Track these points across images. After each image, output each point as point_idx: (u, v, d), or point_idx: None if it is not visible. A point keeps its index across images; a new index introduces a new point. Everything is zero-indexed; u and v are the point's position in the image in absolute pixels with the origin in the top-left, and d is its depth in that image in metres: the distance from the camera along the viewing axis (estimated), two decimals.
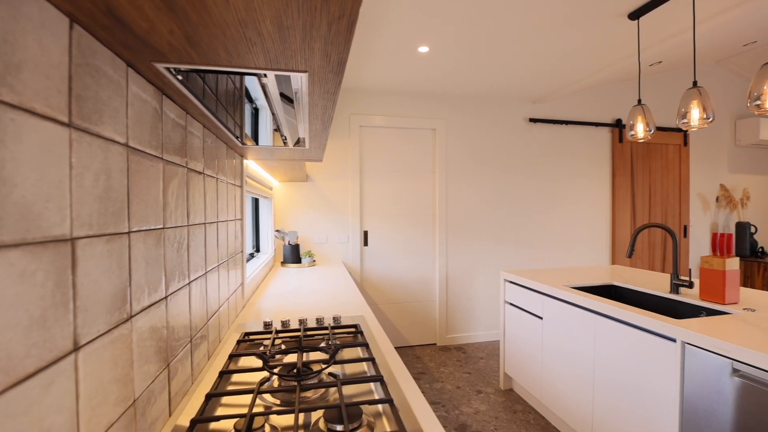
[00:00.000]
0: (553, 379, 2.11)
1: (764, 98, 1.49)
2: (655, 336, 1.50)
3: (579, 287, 2.19)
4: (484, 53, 2.64)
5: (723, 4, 2.13)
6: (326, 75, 0.68)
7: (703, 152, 4.32)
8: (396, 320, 3.44)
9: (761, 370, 1.15)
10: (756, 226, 4.59)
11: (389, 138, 3.41)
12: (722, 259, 1.65)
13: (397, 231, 3.44)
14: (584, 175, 3.89)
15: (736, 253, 4.38)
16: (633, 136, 2.20)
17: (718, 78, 4.36)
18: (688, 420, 1.38)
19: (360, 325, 1.35)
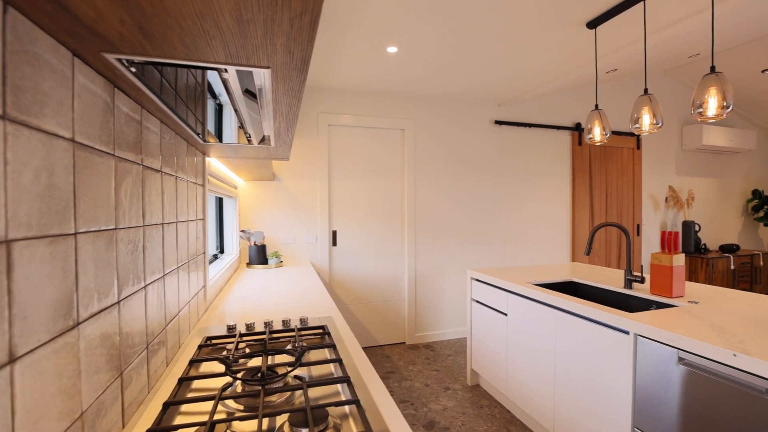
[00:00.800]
0: (517, 374, 2.18)
1: (705, 106, 1.60)
2: (610, 329, 1.58)
3: (541, 284, 2.27)
4: (451, 56, 2.68)
5: (670, 18, 2.28)
6: (290, 72, 0.66)
7: (654, 156, 4.60)
8: (365, 320, 3.44)
9: (702, 357, 1.24)
10: (699, 224, 4.95)
11: (358, 137, 3.40)
12: (670, 256, 1.76)
13: (367, 231, 3.43)
14: (547, 176, 4.05)
15: (682, 250, 4.70)
16: (591, 140, 2.31)
17: (666, 86, 4.67)
18: (640, 407, 1.46)
19: (327, 326, 1.33)
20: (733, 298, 1.79)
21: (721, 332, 1.31)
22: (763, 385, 1.09)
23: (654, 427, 1.41)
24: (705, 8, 2.16)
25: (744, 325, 1.39)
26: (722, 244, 5.19)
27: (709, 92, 1.60)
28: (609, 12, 2.16)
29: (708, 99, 1.60)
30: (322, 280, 3.28)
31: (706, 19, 2.24)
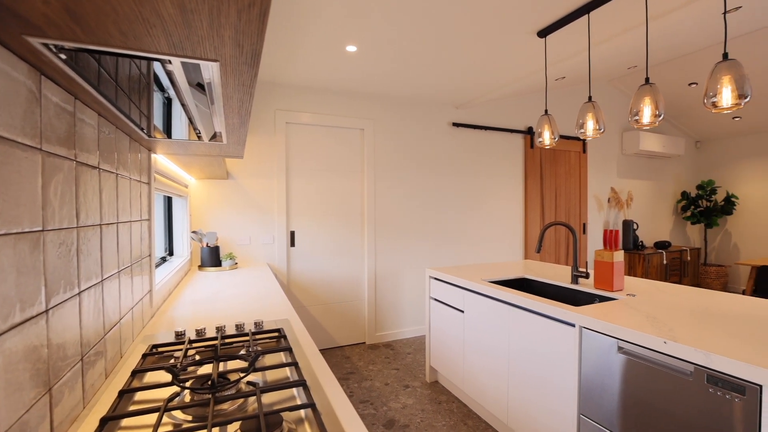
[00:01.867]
0: (473, 369, 2.25)
1: (641, 114, 1.74)
2: (558, 323, 1.67)
3: (496, 281, 2.36)
4: (409, 58, 2.71)
5: (611, 32, 2.45)
6: (240, 66, 0.64)
7: (598, 159, 4.93)
8: (325, 321, 3.40)
9: (638, 346, 1.34)
10: (637, 223, 5.37)
11: (317, 136, 3.36)
12: (611, 252, 1.89)
13: (326, 231, 3.39)
14: (501, 177, 4.21)
15: (622, 247, 5.07)
16: (541, 143, 2.43)
17: (609, 95, 5.02)
18: (585, 395, 1.56)
19: (284, 329, 1.30)
20: (665, 290, 1.95)
21: (654, 322, 1.42)
22: (689, 368, 1.20)
23: (598, 413, 1.50)
24: (640, 24, 2.34)
25: (674, 314, 1.52)
26: (656, 240, 5.66)
27: (644, 101, 1.74)
28: (558, 22, 2.28)
29: (643, 108, 1.74)
30: (279, 282, 3.20)
31: (642, 34, 2.43)
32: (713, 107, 1.53)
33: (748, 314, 1.51)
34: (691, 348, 1.18)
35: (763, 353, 1.12)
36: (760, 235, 5.50)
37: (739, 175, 5.72)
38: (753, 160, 5.57)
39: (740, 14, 2.86)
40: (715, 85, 1.50)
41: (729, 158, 5.84)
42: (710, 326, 1.37)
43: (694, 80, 4.52)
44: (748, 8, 2.78)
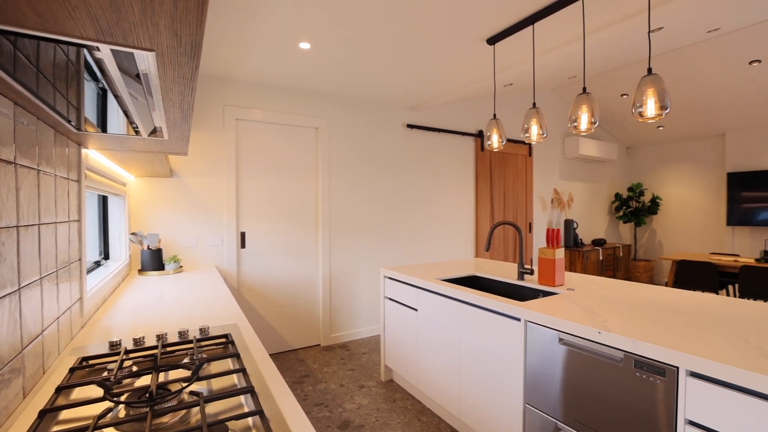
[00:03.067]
0: (426, 365, 2.29)
1: (579, 121, 1.87)
2: (505, 317, 1.75)
3: (448, 279, 2.42)
4: (363, 59, 2.71)
5: (554, 43, 2.60)
6: (179, 58, 0.60)
7: (542, 162, 5.23)
8: (278, 324, 3.31)
9: (576, 336, 1.44)
10: (577, 222, 5.76)
11: (270, 134, 3.26)
12: (553, 250, 2.01)
13: (279, 231, 3.30)
14: (454, 178, 4.33)
15: (563, 245, 5.43)
16: (490, 146, 2.53)
17: (553, 102, 5.34)
18: (530, 385, 1.64)
19: (231, 334, 1.25)
20: (600, 284, 2.11)
21: (590, 314, 1.53)
22: (619, 355, 1.31)
23: (542, 401, 1.59)
24: (579, 37, 2.52)
25: (608, 306, 1.64)
26: (594, 238, 6.11)
27: (582, 109, 1.87)
28: (506, 31, 2.39)
29: (581, 115, 1.87)
30: (228, 285, 3.07)
31: (581, 46, 2.61)
32: (640, 117, 1.68)
33: (669, 304, 1.67)
34: (621, 337, 1.28)
35: (680, 338, 1.24)
36: (680, 232, 6.12)
37: (663, 179, 6.33)
38: (674, 165, 6.19)
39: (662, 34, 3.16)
40: (641, 96, 1.65)
41: (654, 163, 6.44)
42: (638, 316, 1.50)
43: (625, 92, 4.94)
44: (668, 29, 3.08)
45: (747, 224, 5.21)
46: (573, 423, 1.47)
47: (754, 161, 5.24)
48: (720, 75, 4.20)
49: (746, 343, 1.19)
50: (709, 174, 5.79)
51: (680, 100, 4.89)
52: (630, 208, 6.28)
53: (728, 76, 4.20)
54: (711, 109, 4.97)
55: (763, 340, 1.22)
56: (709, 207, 5.79)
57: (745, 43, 3.61)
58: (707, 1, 2.63)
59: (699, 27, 3.13)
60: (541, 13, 2.15)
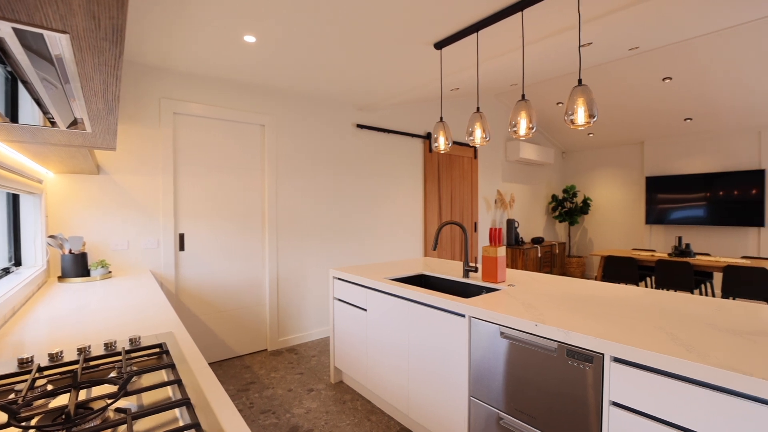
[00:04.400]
0: (376, 365, 2.30)
1: (518, 126, 1.98)
2: (451, 314, 1.80)
3: (396, 278, 2.45)
4: (312, 56, 2.67)
5: (496, 51, 2.73)
6: (99, 42, 0.54)
7: (487, 164, 5.47)
8: (221, 330, 3.15)
9: (516, 330, 1.52)
10: (518, 221, 6.10)
11: (212, 130, 3.09)
12: (495, 248, 2.11)
13: (222, 232, 3.14)
14: (403, 179, 4.40)
15: (506, 243, 5.72)
16: (437, 148, 2.60)
17: (496, 108, 5.61)
18: (475, 378, 1.71)
19: (166, 343, 1.16)
20: (538, 280, 2.25)
21: (529, 308, 1.63)
22: (553, 346, 1.40)
23: (486, 394, 1.66)
24: (519, 47, 2.67)
25: (544, 300, 1.76)
26: (533, 237, 6.51)
27: (521, 115, 1.98)
28: (452, 36, 2.47)
29: (520, 120, 1.98)
30: (165, 291, 2.86)
31: (519, 56, 2.77)
32: (572, 123, 1.81)
33: (597, 296, 1.82)
34: (555, 328, 1.38)
35: (605, 327, 1.36)
36: (607, 231, 6.71)
37: (593, 181, 6.90)
38: (602, 169, 6.77)
39: (591, 49, 3.44)
40: (573, 105, 1.78)
41: (586, 167, 7.00)
42: (570, 308, 1.62)
43: (560, 100, 5.31)
44: (597, 45, 3.36)
45: (662, 223, 5.84)
46: (514, 412, 1.55)
47: (668, 167, 5.89)
48: (639, 89, 4.66)
49: (660, 330, 1.33)
50: (631, 177, 6.41)
51: (607, 110, 5.37)
52: (565, 209, 6.77)
53: (645, 90, 4.67)
54: (632, 119, 5.50)
55: (674, 326, 1.37)
56: (631, 207, 6.41)
57: (659, 61, 4.03)
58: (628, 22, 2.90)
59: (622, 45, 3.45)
60: (485, 21, 2.24)
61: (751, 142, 5.14)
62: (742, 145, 5.20)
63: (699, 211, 5.48)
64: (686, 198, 5.60)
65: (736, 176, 5.16)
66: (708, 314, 1.51)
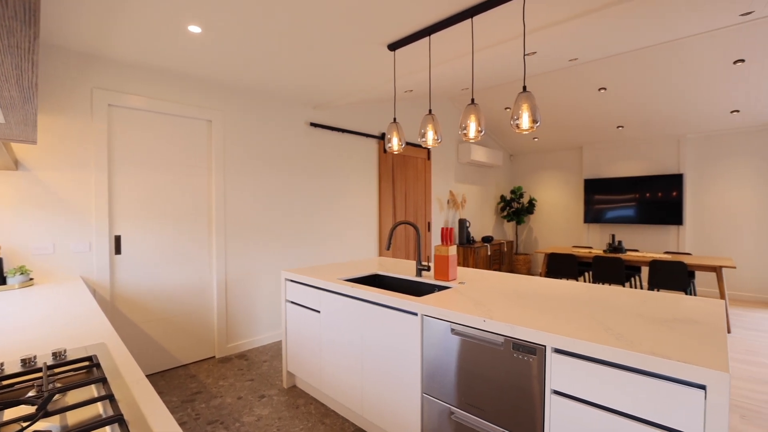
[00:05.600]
0: (330, 367, 2.28)
1: (468, 129, 2.04)
2: (403, 313, 1.82)
3: (350, 279, 2.44)
4: (262, 49, 2.58)
5: (448, 56, 2.81)
6: (8, 22, 0.48)
7: (440, 165, 5.60)
8: (164, 339, 2.95)
9: (466, 326, 1.57)
10: (469, 221, 6.32)
11: (154, 124, 2.89)
12: (446, 247, 2.17)
13: (165, 234, 2.95)
14: (357, 179, 4.39)
15: (457, 242, 5.90)
16: (390, 148, 2.62)
17: (449, 111, 5.76)
18: (428, 375, 1.74)
19: (97, 356, 1.07)
20: (488, 277, 2.34)
21: (478, 305, 1.68)
22: (500, 340, 1.46)
23: (438, 390, 1.70)
24: (469, 53, 2.76)
25: (493, 297, 1.83)
26: (483, 235, 6.77)
27: (470, 118, 2.05)
28: (405, 39, 2.50)
29: (469, 123, 2.04)
30: (99, 298, 2.64)
31: (470, 62, 2.86)
32: (517, 128, 1.90)
33: (541, 291, 1.93)
34: (501, 323, 1.44)
35: (547, 321, 1.44)
36: (551, 229, 7.14)
37: (538, 183, 7.31)
38: (546, 171, 7.20)
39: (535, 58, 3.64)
40: (518, 110, 1.87)
41: (532, 169, 7.40)
42: (516, 304, 1.70)
43: (508, 105, 5.57)
44: (540, 54, 3.56)
45: (598, 222, 6.32)
46: (465, 406, 1.59)
47: (603, 170, 6.38)
48: (578, 97, 5.01)
49: (595, 321, 1.43)
50: (571, 179, 6.86)
51: (550, 116, 5.71)
52: (512, 209, 7.11)
53: (584, 99, 5.03)
54: (572, 125, 5.90)
55: (607, 317, 1.48)
56: (572, 207, 6.87)
57: (596, 72, 4.36)
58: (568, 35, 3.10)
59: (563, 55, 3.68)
60: (437, 26, 2.29)
61: (672, 149, 5.71)
62: (665, 152, 5.77)
63: (629, 211, 5.99)
64: (619, 199, 6.10)
65: (660, 180, 5.71)
66: (636, 305, 1.66)
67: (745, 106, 4.66)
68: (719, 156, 5.40)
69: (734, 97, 4.47)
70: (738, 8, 2.65)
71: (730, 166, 5.32)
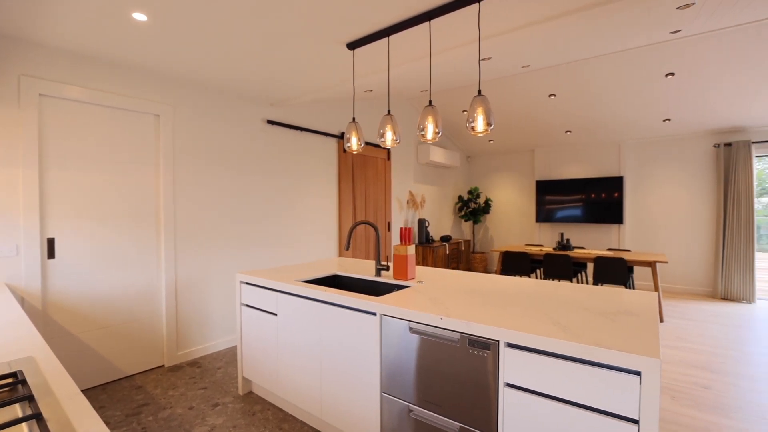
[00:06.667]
0: (288, 371, 2.22)
1: (425, 130, 2.07)
2: (362, 313, 1.82)
3: (309, 280, 2.40)
4: (215, 42, 2.47)
5: (406, 57, 2.83)
6: None
7: (399, 166, 5.65)
8: (106, 349, 2.74)
9: (424, 324, 1.59)
10: (428, 221, 6.43)
11: (94, 117, 2.67)
12: (405, 246, 2.19)
13: (106, 236, 2.74)
14: (317, 179, 4.32)
15: (417, 241, 5.98)
16: (349, 148, 2.60)
17: (408, 112, 5.82)
18: (387, 374, 1.74)
19: (23, 371, 0.97)
20: (446, 276, 2.39)
21: (435, 303, 1.71)
22: (456, 336, 1.49)
23: (397, 388, 1.71)
24: (426, 55, 2.80)
25: (450, 295, 1.87)
26: (442, 235, 6.91)
27: (428, 120, 2.08)
28: (364, 38, 2.49)
29: (427, 125, 2.08)
30: (28, 308, 2.40)
31: (428, 64, 2.91)
32: (472, 130, 1.96)
33: (496, 288, 2.00)
34: (457, 320, 1.47)
35: (500, 316, 1.49)
36: (505, 228, 7.44)
37: (494, 184, 7.58)
38: (501, 173, 7.48)
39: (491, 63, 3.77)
40: (473, 113, 1.93)
41: (488, 170, 7.66)
42: (472, 301, 1.74)
43: (465, 108, 5.73)
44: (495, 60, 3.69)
45: (549, 221, 6.67)
46: (423, 403, 1.62)
47: (553, 172, 6.74)
48: (530, 102, 5.25)
49: (545, 315, 1.50)
50: (524, 181, 7.19)
51: (505, 119, 5.94)
52: (469, 209, 7.32)
53: (536, 104, 5.28)
54: (525, 128, 6.18)
55: (556, 312, 1.56)
56: (525, 207, 7.19)
57: (547, 79, 4.59)
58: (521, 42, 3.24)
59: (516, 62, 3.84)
60: (396, 27, 2.31)
61: (614, 153, 6.14)
62: (608, 156, 6.19)
63: (577, 211, 6.37)
64: (567, 199, 6.47)
65: (604, 182, 6.13)
66: (582, 299, 1.76)
67: (675, 115, 5.10)
68: (654, 160, 5.88)
69: (666, 106, 4.89)
70: (668, 27, 2.90)
71: (663, 170, 5.81)
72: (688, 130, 5.48)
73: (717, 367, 3.01)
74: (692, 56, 3.76)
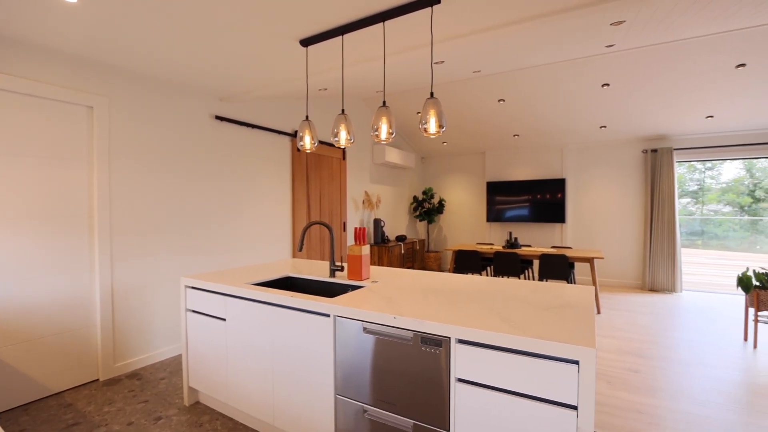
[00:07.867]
0: (238, 378, 2.13)
1: (379, 131, 2.08)
2: (316, 315, 1.79)
3: (260, 283, 2.31)
4: (157, 29, 2.32)
5: (361, 57, 2.83)
6: None
7: (355, 166, 5.64)
8: (27, 365, 2.47)
9: (377, 324, 1.59)
10: (384, 221, 6.46)
11: (13, 107, 2.40)
12: (359, 246, 2.18)
13: (26, 239, 2.47)
14: (269, 179, 4.20)
15: (373, 241, 6.00)
16: (302, 147, 2.55)
17: (364, 112, 5.82)
18: (341, 376, 1.72)
19: None
20: (400, 275, 2.41)
21: (389, 303, 1.72)
22: (410, 335, 1.51)
23: (352, 390, 1.69)
24: (381, 56, 2.81)
25: (404, 294, 1.88)
26: (397, 235, 6.99)
27: (382, 120, 2.09)
28: (318, 36, 2.45)
29: (381, 125, 2.08)
30: None
31: (382, 65, 2.93)
32: (425, 132, 1.99)
33: (448, 286, 2.05)
34: (410, 319, 1.49)
35: (451, 314, 1.53)
36: (458, 228, 7.66)
37: (447, 184, 7.79)
38: (454, 174, 7.70)
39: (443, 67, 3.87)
40: (426, 115, 1.96)
41: (442, 171, 7.85)
42: (425, 299, 1.77)
43: (419, 110, 5.83)
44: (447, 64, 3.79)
45: (499, 220, 6.97)
46: (377, 403, 1.62)
47: (503, 174, 7.05)
48: (481, 106, 5.45)
49: (493, 311, 1.56)
50: (476, 182, 7.45)
51: (457, 122, 6.12)
52: (424, 209, 7.47)
53: (486, 108, 5.49)
54: (476, 131, 6.41)
55: (503, 307, 1.62)
56: (476, 207, 7.45)
57: (496, 85, 4.79)
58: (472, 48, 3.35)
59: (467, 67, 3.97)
60: (350, 26, 2.29)
61: (557, 156, 6.54)
62: (552, 159, 6.58)
63: (524, 211, 6.71)
64: (515, 200, 6.80)
65: (548, 183, 6.51)
66: (528, 295, 1.85)
67: (610, 123, 5.54)
68: (592, 164, 6.34)
69: (602, 114, 5.29)
70: (603, 41, 3.14)
71: (600, 173, 6.28)
72: (621, 136, 5.97)
73: (646, 353, 3.30)
74: (624, 69, 4.10)
